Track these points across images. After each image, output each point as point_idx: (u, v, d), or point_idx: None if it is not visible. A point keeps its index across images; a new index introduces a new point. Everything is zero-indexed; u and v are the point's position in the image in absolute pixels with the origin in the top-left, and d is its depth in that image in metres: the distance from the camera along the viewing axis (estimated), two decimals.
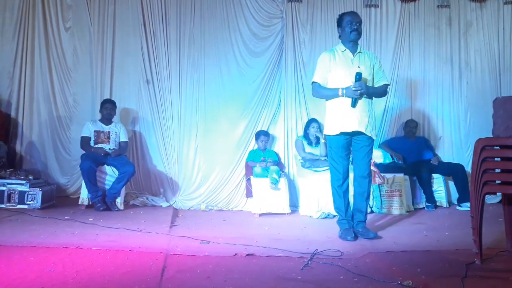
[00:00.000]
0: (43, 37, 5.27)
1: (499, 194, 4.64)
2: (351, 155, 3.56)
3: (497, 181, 2.53)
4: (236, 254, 2.77)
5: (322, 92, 3.48)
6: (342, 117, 3.36)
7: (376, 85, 3.48)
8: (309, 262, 2.61)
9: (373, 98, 3.50)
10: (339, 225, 3.51)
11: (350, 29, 3.37)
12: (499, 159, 2.56)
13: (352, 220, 3.47)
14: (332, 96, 3.40)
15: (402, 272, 2.43)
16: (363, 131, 3.36)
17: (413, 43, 5.76)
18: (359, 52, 3.44)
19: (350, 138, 3.42)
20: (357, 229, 3.42)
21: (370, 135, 3.40)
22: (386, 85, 3.53)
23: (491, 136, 2.68)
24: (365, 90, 3.29)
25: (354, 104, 3.31)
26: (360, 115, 3.34)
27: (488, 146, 2.53)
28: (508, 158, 2.46)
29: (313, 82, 3.52)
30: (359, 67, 3.36)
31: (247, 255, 2.76)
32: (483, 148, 2.53)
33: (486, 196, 2.58)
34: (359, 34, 3.40)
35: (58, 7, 5.31)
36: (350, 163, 3.56)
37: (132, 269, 2.38)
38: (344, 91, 3.31)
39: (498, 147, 2.55)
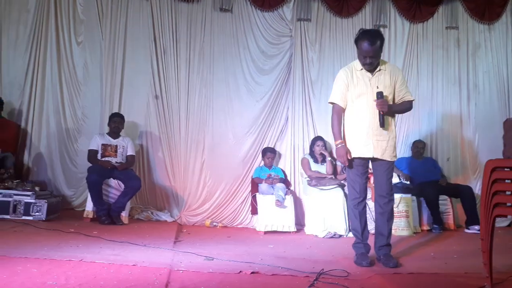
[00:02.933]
0: (55, 51, 5.35)
1: (508, 217, 4.61)
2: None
3: (508, 204, 2.49)
4: (240, 271, 2.72)
5: (332, 124, 3.26)
6: (356, 142, 3.19)
7: (399, 102, 3.27)
8: (315, 282, 2.56)
9: (394, 117, 3.30)
10: (354, 249, 3.27)
11: (362, 62, 3.16)
12: (509, 181, 2.51)
13: (373, 243, 3.27)
14: (334, 136, 3.24)
15: None
16: (380, 157, 3.16)
17: (421, 63, 5.80)
18: (379, 70, 3.21)
19: (367, 160, 3.24)
20: (378, 254, 3.20)
21: (388, 160, 3.20)
22: (411, 101, 3.30)
23: (500, 157, 2.65)
24: (384, 110, 3.10)
25: (382, 124, 3.14)
26: (376, 140, 3.14)
27: (499, 167, 2.50)
28: None
29: (332, 103, 3.29)
30: (377, 87, 3.15)
31: (252, 273, 2.71)
32: (493, 170, 2.49)
33: (497, 218, 2.53)
34: (372, 66, 3.15)
35: (71, 21, 5.40)
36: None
37: (135, 283, 2.35)
38: (340, 146, 3.16)
39: (508, 169, 2.51)
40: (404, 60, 5.75)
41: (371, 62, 3.14)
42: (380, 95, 3.11)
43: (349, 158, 3.18)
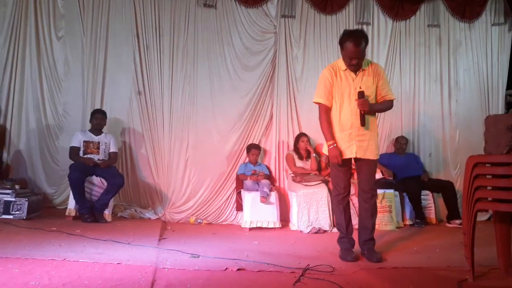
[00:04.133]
0: (35, 46, 5.22)
1: (488, 211, 4.70)
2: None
3: (489, 198, 2.54)
4: (226, 268, 2.72)
5: (322, 125, 3.29)
6: (341, 144, 3.21)
7: (380, 101, 3.29)
8: (301, 278, 2.57)
9: (375, 117, 3.36)
10: (339, 244, 3.32)
11: (348, 63, 3.19)
12: (490, 176, 2.57)
13: (357, 238, 3.31)
14: (325, 137, 3.25)
15: None
16: (362, 157, 3.21)
17: (404, 61, 5.87)
18: (362, 70, 3.24)
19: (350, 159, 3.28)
20: (363, 249, 3.26)
21: (371, 159, 3.24)
22: (391, 101, 3.32)
23: (481, 153, 2.70)
24: (366, 109, 3.13)
25: (363, 123, 3.18)
26: (358, 140, 3.20)
27: (480, 163, 2.55)
28: (499, 175, 2.47)
29: (318, 103, 3.30)
30: (360, 87, 3.18)
31: (238, 269, 2.71)
32: (475, 165, 2.54)
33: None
34: (357, 66, 3.20)
35: (51, 16, 5.28)
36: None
37: (120, 282, 2.32)
38: (332, 147, 3.17)
39: (489, 165, 2.56)
40: (387, 57, 5.81)
41: (357, 63, 3.18)
42: (361, 94, 3.15)
43: (343, 158, 3.20)
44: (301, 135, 5.25)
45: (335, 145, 3.20)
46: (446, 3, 5.92)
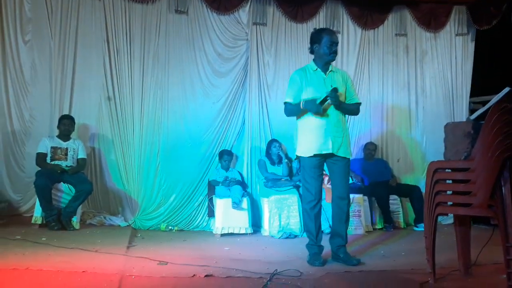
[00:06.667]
0: (0, 49, 5.08)
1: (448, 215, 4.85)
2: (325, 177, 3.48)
3: (449, 203, 2.64)
4: (194, 275, 2.72)
5: (290, 110, 3.40)
6: (315, 139, 3.27)
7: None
8: (268, 283, 2.60)
9: (345, 117, 3.46)
10: (308, 249, 3.34)
11: (329, 50, 3.30)
12: (450, 181, 2.66)
13: (329, 242, 3.37)
14: (297, 112, 3.32)
15: None
16: (336, 152, 3.27)
17: (372, 69, 5.99)
18: (331, 71, 3.40)
19: (323, 159, 3.32)
20: (338, 254, 3.28)
21: (344, 156, 3.31)
22: (358, 104, 3.47)
23: (443, 159, 2.81)
24: (337, 103, 3.21)
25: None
26: (333, 136, 3.25)
27: (440, 168, 2.64)
28: (458, 180, 2.57)
29: (285, 103, 3.42)
30: (331, 86, 3.25)
31: (206, 276, 2.71)
32: (435, 171, 2.63)
33: (442, 216, 2.67)
34: (336, 55, 3.38)
35: (17, 20, 5.14)
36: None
37: None
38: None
39: (449, 170, 2.66)
40: (356, 65, 5.92)
41: (336, 50, 3.35)
42: (334, 89, 3.20)
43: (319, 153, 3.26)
44: (273, 141, 5.29)
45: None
46: (412, 14, 6.09)
